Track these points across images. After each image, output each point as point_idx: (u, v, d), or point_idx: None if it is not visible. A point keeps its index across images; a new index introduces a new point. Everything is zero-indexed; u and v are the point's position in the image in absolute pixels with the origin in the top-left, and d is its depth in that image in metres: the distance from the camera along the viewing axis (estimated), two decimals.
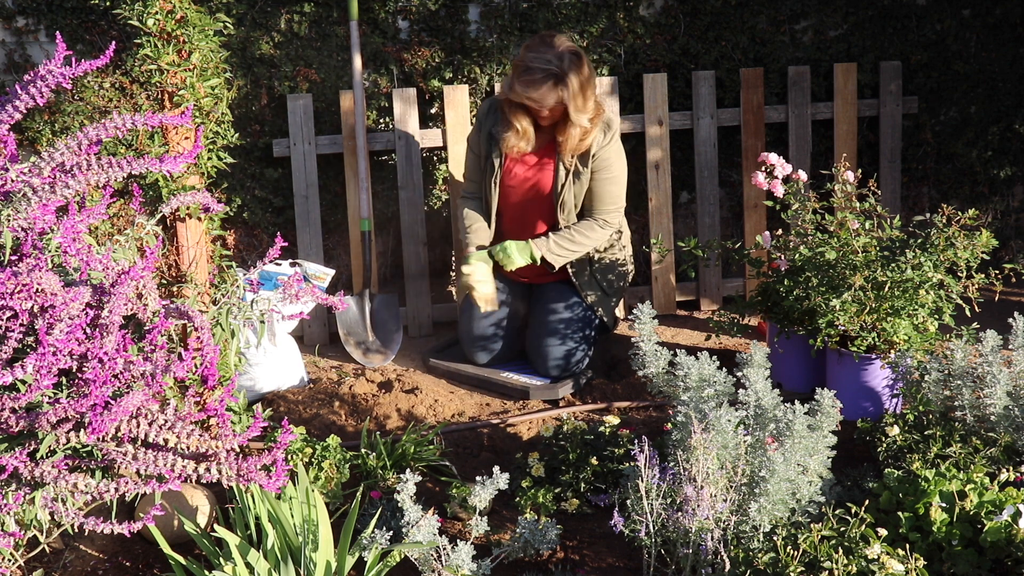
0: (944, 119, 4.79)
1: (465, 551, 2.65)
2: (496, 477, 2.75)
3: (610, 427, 3.33)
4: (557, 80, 3.60)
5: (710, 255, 4.31)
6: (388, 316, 4.32)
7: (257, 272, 2.78)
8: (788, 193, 3.67)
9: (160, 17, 2.88)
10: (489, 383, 4.01)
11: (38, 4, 4.14)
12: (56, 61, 2.27)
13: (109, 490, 2.24)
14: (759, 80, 4.53)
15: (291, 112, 4.25)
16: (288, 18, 4.27)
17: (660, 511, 2.68)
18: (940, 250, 3.45)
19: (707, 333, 4.08)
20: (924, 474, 2.84)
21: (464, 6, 4.39)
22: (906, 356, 3.38)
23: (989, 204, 4.92)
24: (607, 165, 3.80)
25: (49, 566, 2.85)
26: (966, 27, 4.71)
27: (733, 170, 4.72)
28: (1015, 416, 3.08)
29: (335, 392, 3.87)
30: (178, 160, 2.43)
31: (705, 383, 2.89)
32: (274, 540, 2.63)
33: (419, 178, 4.38)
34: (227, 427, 2.38)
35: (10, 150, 2.34)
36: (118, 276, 2.30)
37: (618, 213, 3.89)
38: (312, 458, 3.12)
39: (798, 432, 2.69)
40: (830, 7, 4.60)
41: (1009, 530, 2.62)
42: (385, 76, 4.37)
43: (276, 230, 4.32)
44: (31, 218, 2.27)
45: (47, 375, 2.14)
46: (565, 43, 3.66)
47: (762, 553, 2.58)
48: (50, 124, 4.18)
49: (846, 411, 3.29)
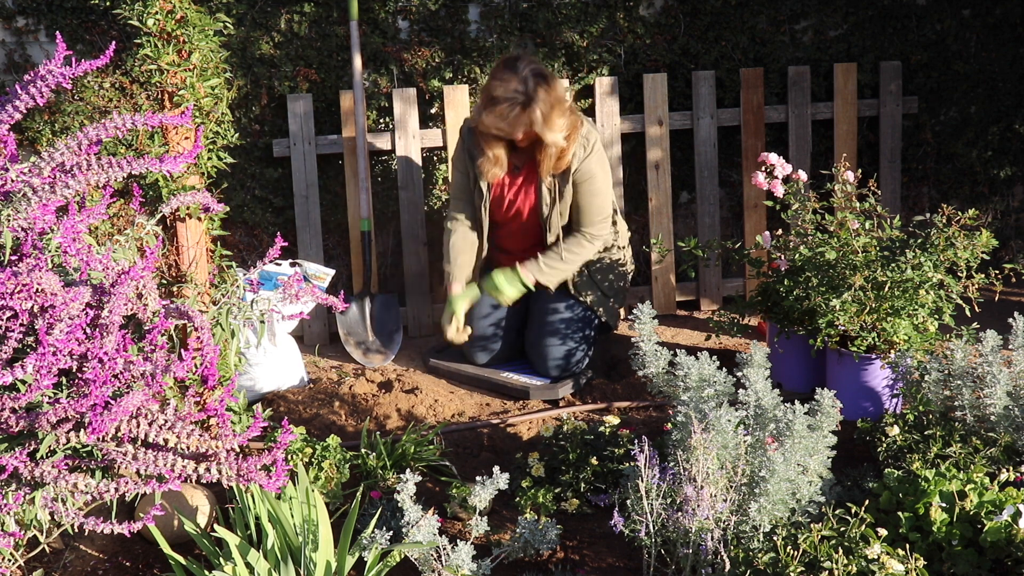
0: (944, 119, 4.79)
1: (465, 551, 2.65)
2: (496, 477, 2.75)
3: (610, 427, 3.33)
4: (524, 106, 3.57)
5: (710, 255, 4.31)
6: (388, 316, 4.32)
7: (257, 272, 2.78)
8: (788, 193, 3.67)
9: (160, 17, 2.88)
10: (489, 383, 4.01)
11: (38, 4, 4.14)
12: (56, 61, 2.27)
13: (109, 490, 2.24)
14: (759, 80, 4.53)
15: (291, 112, 4.25)
16: (288, 18, 4.27)
17: (660, 511, 2.68)
18: (940, 250, 3.45)
19: (707, 333, 4.08)
20: (924, 474, 2.84)
21: (464, 6, 4.39)
22: (906, 356, 3.38)
23: (989, 204, 4.92)
24: (589, 178, 3.76)
25: (49, 566, 2.85)
26: (966, 27, 4.71)
27: (733, 170, 4.72)
28: (1015, 416, 3.08)
29: (335, 392, 3.87)
30: (178, 160, 2.43)
31: (705, 383, 2.89)
32: (274, 540, 2.63)
33: (419, 178, 4.38)
34: (227, 427, 2.38)
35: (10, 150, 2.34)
36: (118, 276, 2.30)
37: (605, 224, 3.86)
38: (312, 458, 3.12)
39: (798, 432, 2.69)
40: (830, 7, 4.60)
41: (1009, 530, 2.62)
42: (385, 76, 4.37)
43: (276, 230, 4.32)
44: (31, 218, 2.27)
45: (47, 375, 2.14)
46: (528, 65, 3.60)
47: (762, 553, 2.58)
48: (50, 124, 4.18)
49: (846, 411, 3.29)
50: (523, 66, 3.60)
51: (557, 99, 3.62)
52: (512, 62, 3.62)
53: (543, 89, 3.58)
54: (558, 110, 3.62)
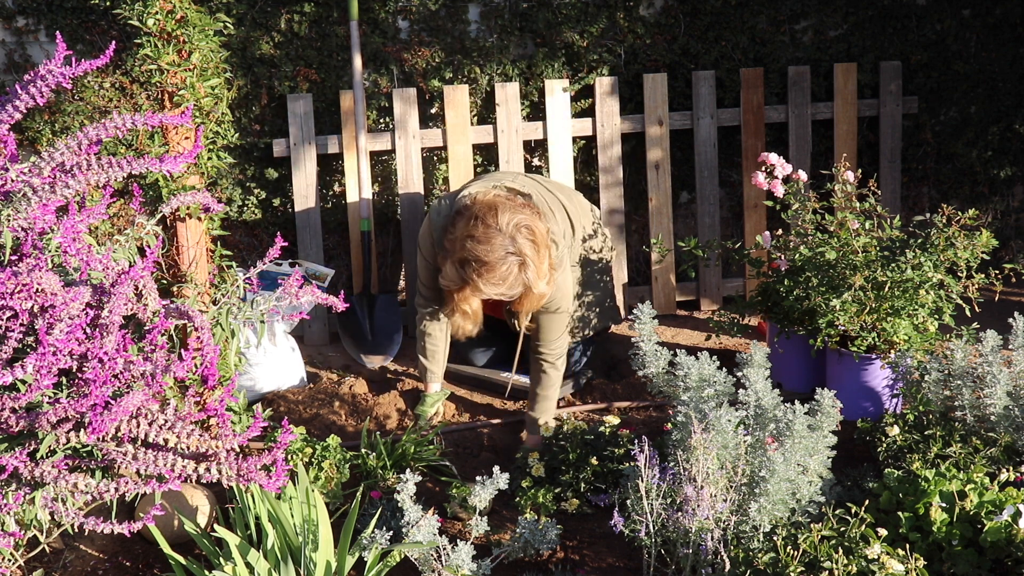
0: (944, 119, 4.79)
1: (465, 551, 2.65)
2: (496, 477, 2.75)
3: (610, 427, 3.33)
4: (521, 265, 3.23)
5: (710, 255, 4.31)
6: (388, 316, 4.32)
7: (257, 272, 2.78)
8: (788, 193, 3.67)
9: (160, 17, 2.88)
10: (489, 383, 4.01)
11: (38, 4, 4.14)
12: (56, 61, 2.27)
13: (109, 490, 2.24)
14: (759, 80, 4.53)
15: (291, 112, 4.25)
16: (288, 18, 4.27)
17: (660, 511, 2.68)
18: (940, 250, 3.45)
19: (707, 333, 4.08)
20: (924, 474, 2.84)
21: (464, 6, 4.39)
22: (906, 356, 3.38)
23: (989, 204, 4.92)
24: (553, 300, 3.46)
25: (49, 566, 2.85)
26: (966, 27, 4.71)
27: (733, 170, 4.72)
28: (1015, 416, 3.08)
29: (335, 392, 3.87)
30: (178, 160, 2.43)
31: (705, 383, 2.89)
32: (274, 540, 2.63)
33: (419, 178, 4.38)
34: (227, 427, 2.38)
35: (10, 150, 2.35)
36: (118, 276, 2.30)
37: (564, 340, 3.58)
38: (312, 458, 3.12)
39: (798, 432, 2.69)
40: (830, 7, 4.60)
41: (1009, 530, 2.62)
42: (385, 76, 4.37)
43: (276, 230, 4.32)
44: (31, 218, 2.27)
45: (47, 375, 2.14)
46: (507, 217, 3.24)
47: (762, 553, 2.58)
48: (50, 124, 4.18)
49: (846, 411, 3.29)
50: (503, 220, 3.23)
51: (540, 241, 3.27)
52: (491, 218, 3.24)
53: (527, 238, 3.24)
54: (543, 251, 3.28)
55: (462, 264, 3.26)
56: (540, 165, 4.54)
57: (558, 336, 3.55)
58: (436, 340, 3.72)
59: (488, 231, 3.22)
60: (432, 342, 3.72)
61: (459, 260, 3.27)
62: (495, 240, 3.21)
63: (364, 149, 4.27)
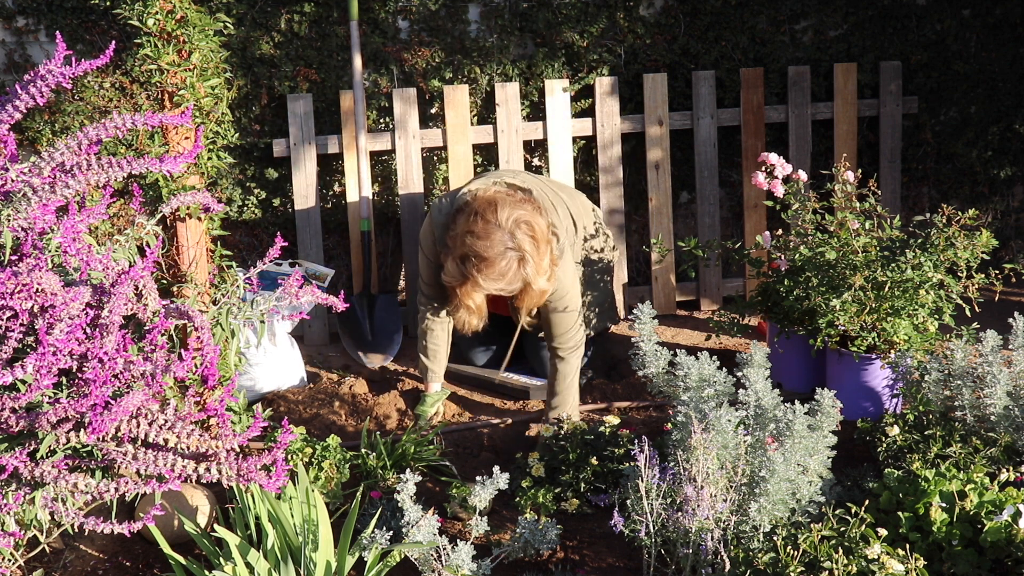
0: (944, 119, 4.79)
1: (465, 551, 2.65)
2: (496, 477, 2.75)
3: (610, 427, 3.33)
4: (520, 261, 3.24)
5: (710, 255, 4.31)
6: (388, 316, 4.32)
7: (257, 272, 2.78)
8: (788, 193, 3.67)
9: (160, 17, 2.88)
10: (489, 383, 4.01)
11: (38, 4, 4.14)
12: (56, 61, 2.27)
13: (109, 490, 2.24)
14: (759, 80, 4.53)
15: (291, 112, 4.25)
16: (288, 18, 4.27)
17: (660, 511, 2.68)
18: (940, 250, 3.45)
19: (707, 333, 4.08)
20: (924, 474, 2.84)
21: (464, 6, 4.39)
22: (906, 356, 3.38)
23: (989, 204, 4.92)
24: (560, 298, 3.49)
25: (49, 566, 2.85)
26: (966, 27, 4.71)
27: (733, 170, 4.72)
28: (1015, 416, 3.08)
29: (335, 392, 3.87)
30: (178, 160, 2.43)
31: (705, 383, 2.89)
32: (274, 540, 2.63)
33: (419, 178, 4.38)
34: (227, 427, 2.38)
35: (10, 150, 2.35)
36: (118, 276, 2.30)
37: (578, 332, 3.57)
38: (312, 458, 3.12)
39: (798, 432, 2.69)
40: (830, 7, 4.60)
41: (1009, 530, 2.62)
42: (385, 76, 4.37)
43: (276, 230, 4.32)
44: (31, 218, 2.27)
45: (47, 375, 2.14)
46: (507, 213, 3.25)
47: (762, 553, 2.58)
48: (50, 124, 4.18)
49: (846, 411, 3.29)
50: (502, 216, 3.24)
51: (540, 237, 3.28)
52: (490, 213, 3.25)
53: (526, 234, 3.25)
54: (543, 247, 3.29)
55: (462, 260, 3.28)
56: (540, 165, 4.54)
57: (567, 330, 3.55)
58: (438, 339, 3.72)
59: (487, 227, 3.24)
60: (434, 341, 3.72)
61: (460, 256, 3.29)
62: (494, 236, 3.23)
63: (364, 149, 4.27)
